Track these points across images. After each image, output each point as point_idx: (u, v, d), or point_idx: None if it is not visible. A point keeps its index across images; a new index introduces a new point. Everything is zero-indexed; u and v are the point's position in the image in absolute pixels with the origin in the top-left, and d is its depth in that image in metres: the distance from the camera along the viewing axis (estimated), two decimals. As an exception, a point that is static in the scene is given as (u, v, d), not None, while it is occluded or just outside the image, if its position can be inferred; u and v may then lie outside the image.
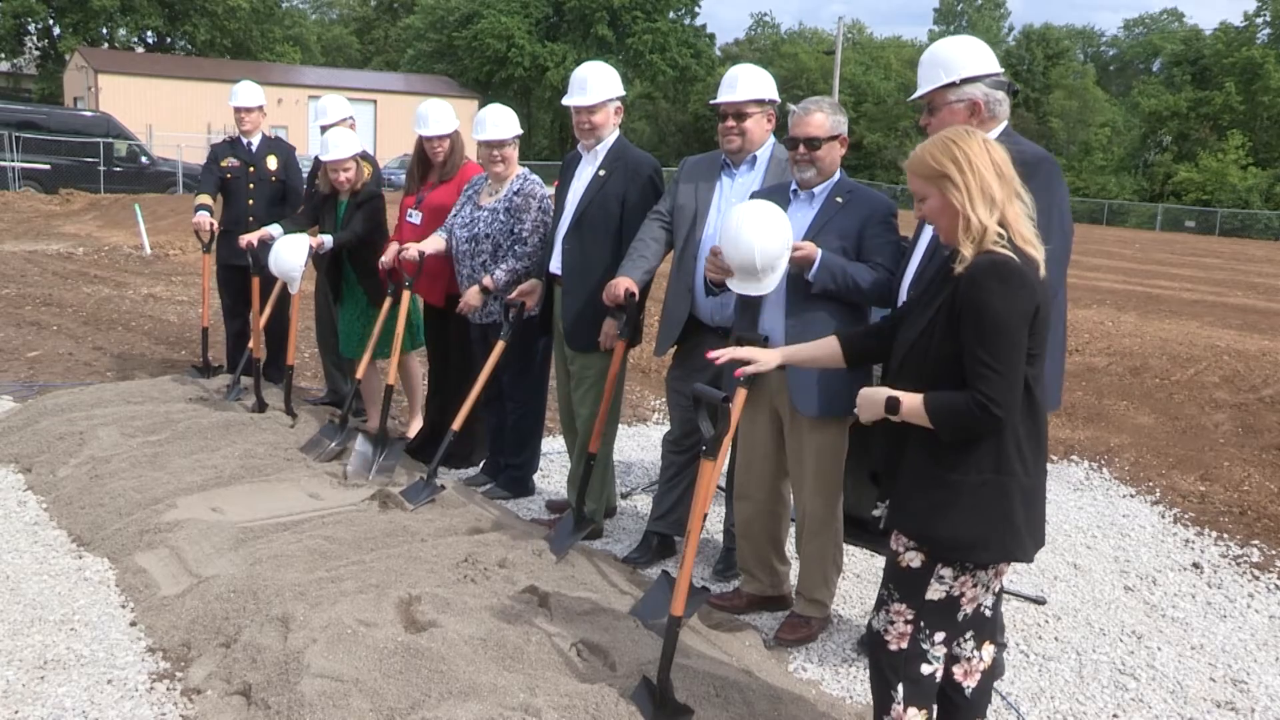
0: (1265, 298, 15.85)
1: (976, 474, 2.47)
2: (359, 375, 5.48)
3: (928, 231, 3.25)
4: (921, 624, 2.57)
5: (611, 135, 4.49)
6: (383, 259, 5.21)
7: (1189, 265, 22.60)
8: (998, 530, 2.47)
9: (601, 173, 4.44)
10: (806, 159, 3.58)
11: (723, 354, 2.90)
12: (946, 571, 2.54)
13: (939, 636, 2.58)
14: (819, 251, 3.42)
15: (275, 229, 5.84)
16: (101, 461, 4.98)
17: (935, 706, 2.66)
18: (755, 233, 3.22)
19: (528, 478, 5.21)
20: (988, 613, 2.66)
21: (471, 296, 4.83)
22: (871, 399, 2.59)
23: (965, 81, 3.20)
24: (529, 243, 4.79)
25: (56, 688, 3.13)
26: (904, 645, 2.59)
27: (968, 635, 2.65)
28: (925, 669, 2.59)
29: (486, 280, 4.79)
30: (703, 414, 2.97)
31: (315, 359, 7.16)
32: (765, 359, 2.87)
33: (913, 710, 2.59)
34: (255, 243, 5.89)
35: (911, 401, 2.50)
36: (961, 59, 3.22)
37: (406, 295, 5.15)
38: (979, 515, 2.46)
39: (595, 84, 4.41)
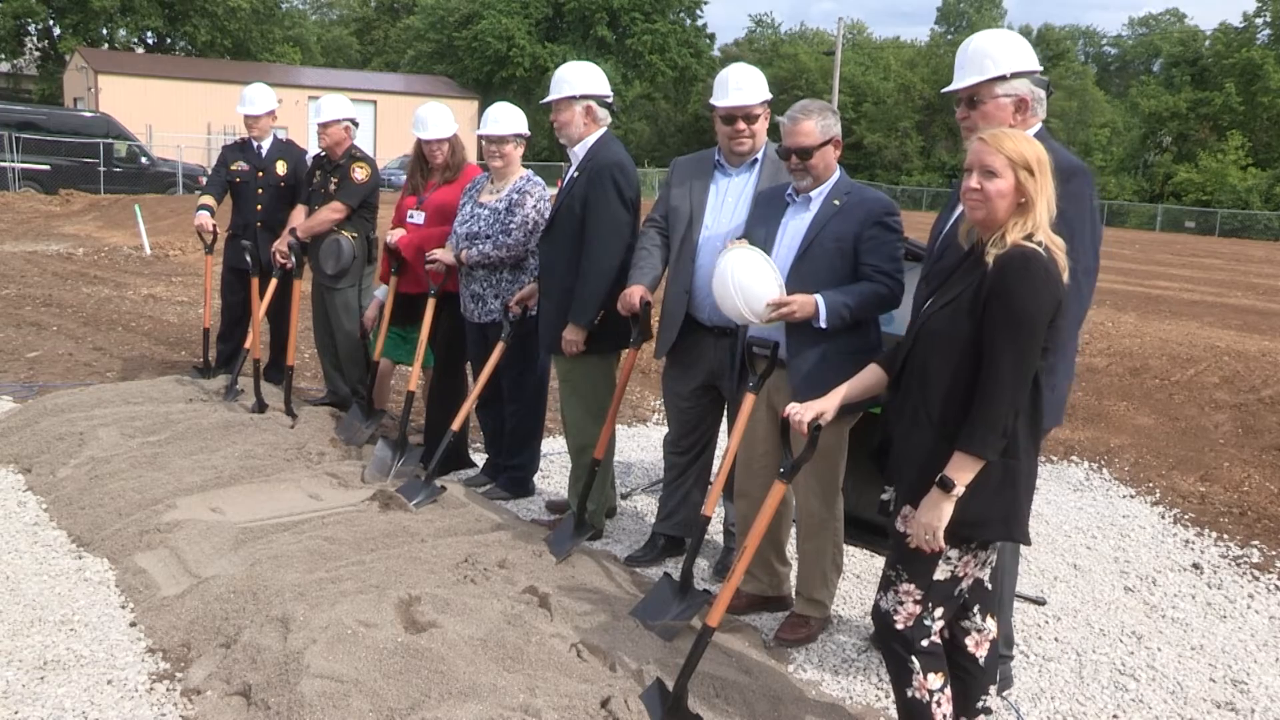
0: (1265, 298, 15.83)
1: None
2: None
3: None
4: (929, 604, 2.72)
5: (592, 135, 4.45)
6: (387, 238, 5.22)
7: (1189, 266, 22.58)
8: (1001, 510, 2.63)
9: (576, 174, 4.44)
10: (801, 168, 3.60)
11: (799, 411, 2.92)
12: (954, 552, 2.67)
13: (939, 613, 2.74)
14: (816, 300, 3.44)
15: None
16: (101, 462, 4.98)
17: (946, 666, 2.82)
18: (736, 293, 3.40)
19: (528, 479, 5.21)
20: (988, 585, 2.84)
21: (443, 254, 4.90)
22: (933, 510, 2.60)
23: (1015, 76, 3.06)
24: (513, 236, 4.77)
25: (56, 688, 3.13)
26: (910, 624, 2.74)
27: (975, 609, 2.85)
28: (925, 642, 2.75)
29: (463, 255, 4.83)
30: (784, 439, 3.09)
31: (315, 359, 7.15)
32: (829, 406, 2.94)
33: (932, 675, 2.76)
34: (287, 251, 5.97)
35: (960, 469, 2.56)
36: (1010, 52, 3.08)
37: (432, 303, 5.08)
38: (986, 496, 2.60)
39: (559, 82, 4.41)
